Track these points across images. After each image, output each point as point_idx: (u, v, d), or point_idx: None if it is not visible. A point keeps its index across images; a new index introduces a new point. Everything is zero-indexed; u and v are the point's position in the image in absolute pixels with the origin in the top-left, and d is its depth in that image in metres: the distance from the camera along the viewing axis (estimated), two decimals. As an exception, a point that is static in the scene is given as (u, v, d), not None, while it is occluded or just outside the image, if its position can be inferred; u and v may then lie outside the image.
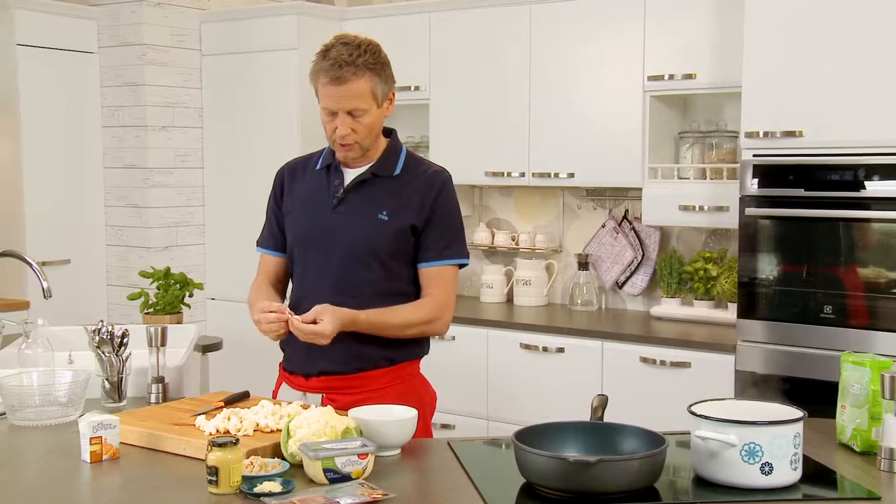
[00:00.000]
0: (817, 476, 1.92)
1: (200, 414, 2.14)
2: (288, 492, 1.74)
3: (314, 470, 1.80)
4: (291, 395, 2.41)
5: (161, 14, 4.74)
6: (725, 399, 2.03)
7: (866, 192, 3.27)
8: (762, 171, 3.46)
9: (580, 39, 4.11)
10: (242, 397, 2.32)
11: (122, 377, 2.43)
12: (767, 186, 3.45)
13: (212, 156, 4.97)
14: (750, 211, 3.48)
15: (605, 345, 3.85)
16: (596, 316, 4.27)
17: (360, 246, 2.36)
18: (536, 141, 4.25)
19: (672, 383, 3.66)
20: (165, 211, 4.84)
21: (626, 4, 3.98)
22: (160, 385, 2.47)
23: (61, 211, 4.76)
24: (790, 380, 3.39)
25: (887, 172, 3.22)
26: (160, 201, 4.81)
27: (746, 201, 3.49)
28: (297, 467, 1.86)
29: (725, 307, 3.99)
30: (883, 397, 1.95)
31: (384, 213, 2.36)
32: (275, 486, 1.75)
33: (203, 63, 4.94)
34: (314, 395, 2.39)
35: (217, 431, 2.01)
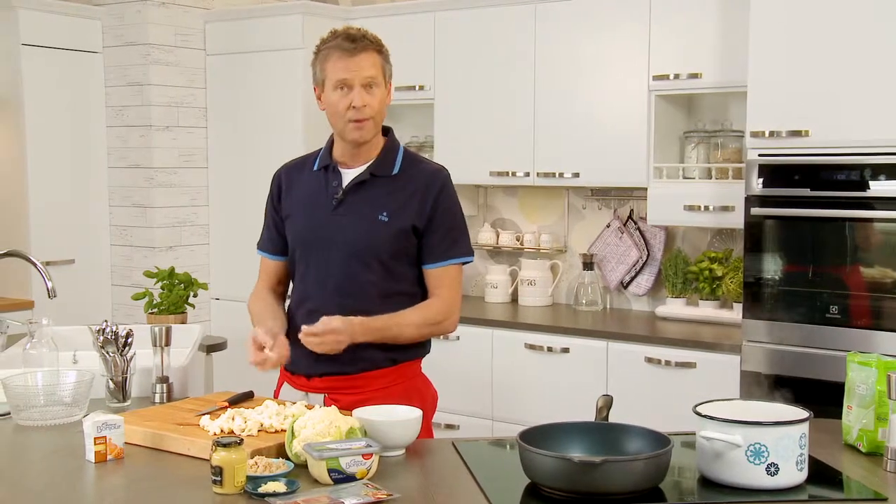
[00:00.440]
0: (823, 477, 1.91)
1: (205, 414, 2.14)
2: (292, 492, 1.74)
3: (319, 470, 1.80)
4: (293, 396, 2.40)
5: (165, 14, 4.75)
6: (731, 399, 2.02)
7: (872, 192, 3.26)
8: (768, 171, 3.45)
9: (585, 39, 4.11)
10: (247, 397, 2.32)
11: (127, 377, 2.43)
12: (773, 186, 3.44)
13: (216, 155, 4.98)
14: (755, 211, 3.47)
15: (610, 345, 3.85)
16: (601, 316, 4.26)
17: (361, 247, 2.35)
18: (541, 141, 4.25)
19: (677, 383, 3.66)
20: (170, 211, 4.84)
21: (631, 4, 3.98)
22: (164, 385, 2.47)
23: (66, 211, 4.76)
24: (796, 380, 3.38)
25: (893, 172, 3.21)
26: (165, 201, 4.82)
27: (752, 201, 3.49)
28: (302, 467, 1.86)
29: (731, 307, 3.99)
30: (889, 398, 1.95)
31: (384, 214, 2.36)
32: (279, 487, 1.75)
33: (207, 63, 4.94)
34: (316, 396, 2.38)
35: (221, 431, 2.01)
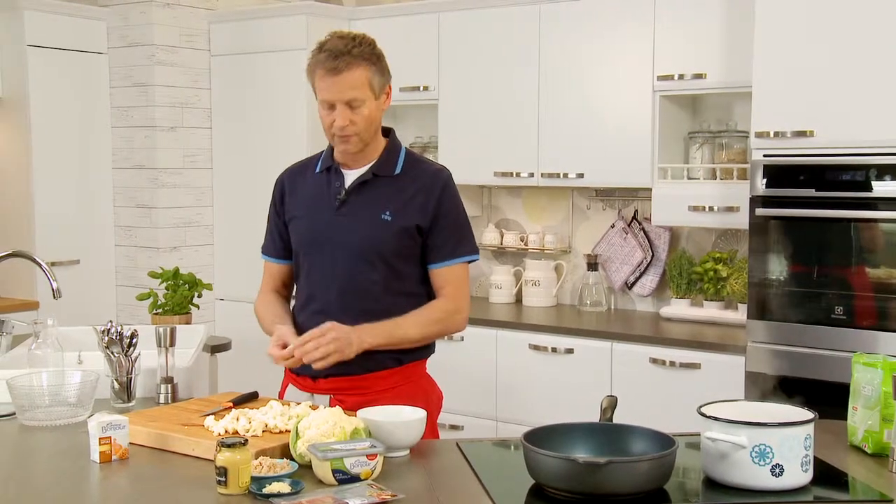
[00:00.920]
0: (828, 478, 1.91)
1: (209, 414, 2.14)
2: (297, 492, 1.74)
3: (323, 471, 1.80)
4: (298, 397, 2.41)
5: (170, 14, 4.75)
6: (735, 400, 2.02)
7: (877, 193, 3.25)
8: (772, 172, 3.45)
9: (589, 39, 4.11)
10: (251, 398, 2.32)
11: (131, 377, 2.43)
12: (778, 187, 3.44)
13: (221, 156, 4.98)
14: (760, 211, 3.47)
15: (615, 346, 3.84)
16: (605, 317, 4.26)
17: (365, 247, 2.35)
18: (545, 141, 4.25)
19: (682, 384, 3.65)
20: (174, 211, 4.85)
21: (636, 4, 3.97)
22: (169, 385, 2.47)
23: (71, 211, 4.77)
24: (801, 381, 3.38)
25: (898, 172, 3.21)
26: (169, 202, 4.82)
27: (756, 201, 3.48)
28: (306, 468, 1.86)
29: (735, 308, 3.98)
30: (895, 399, 1.94)
31: (387, 214, 2.36)
32: (284, 487, 1.75)
33: (212, 63, 4.94)
34: (322, 397, 2.38)
35: (226, 432, 2.01)
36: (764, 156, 3.46)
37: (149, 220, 4.82)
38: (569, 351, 3.94)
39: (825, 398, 3.06)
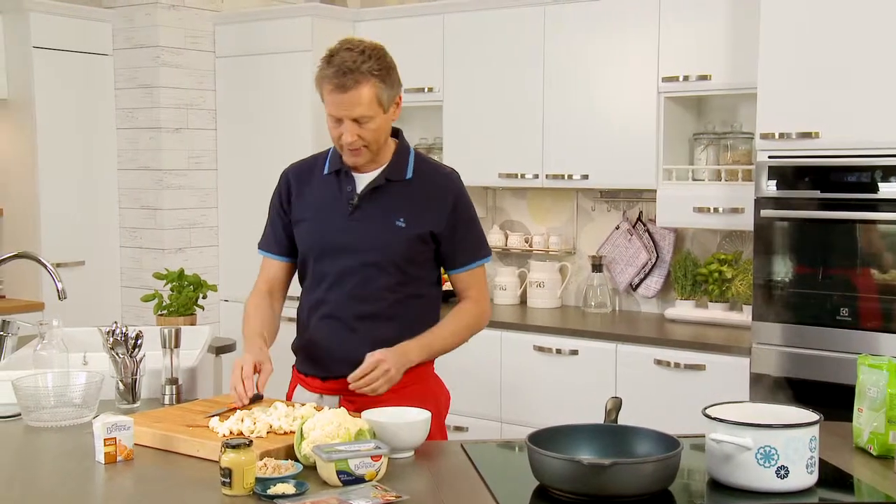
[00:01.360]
0: (834, 480, 1.90)
1: (214, 415, 2.14)
2: (301, 493, 1.74)
3: (327, 472, 1.80)
4: (307, 398, 2.40)
5: (175, 16, 4.76)
6: (740, 402, 2.01)
7: (882, 194, 3.24)
8: (777, 173, 3.44)
9: (594, 40, 4.10)
10: (256, 399, 2.31)
11: (136, 378, 2.44)
12: (783, 188, 3.44)
13: (225, 157, 4.99)
14: (765, 213, 3.46)
15: (619, 347, 3.84)
16: (610, 318, 4.26)
17: (379, 253, 2.35)
18: (550, 142, 4.25)
19: (686, 386, 3.65)
20: (179, 212, 4.86)
21: (641, 5, 3.97)
22: (174, 386, 2.48)
23: (76, 212, 4.78)
24: (806, 383, 3.37)
25: (904, 174, 3.20)
26: (174, 203, 4.83)
27: (761, 203, 3.48)
28: (311, 469, 1.86)
29: (740, 309, 3.98)
30: (900, 400, 1.94)
31: (401, 220, 2.35)
32: (288, 488, 1.75)
33: (217, 65, 4.95)
34: (331, 397, 2.38)
35: (230, 433, 2.01)
36: (769, 157, 3.46)
37: (154, 222, 4.82)
38: (573, 352, 3.93)
39: (830, 400, 3.06)
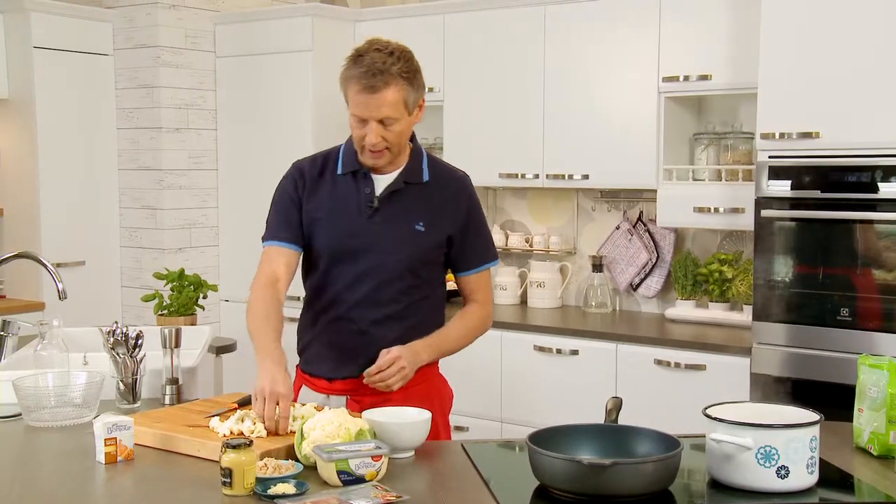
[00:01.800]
0: (834, 480, 1.90)
1: (214, 415, 2.14)
2: (302, 493, 1.74)
3: (328, 472, 1.80)
4: (313, 398, 2.40)
5: (175, 16, 4.76)
6: (741, 402, 2.01)
7: (882, 194, 3.24)
8: (778, 173, 3.44)
9: (595, 40, 4.10)
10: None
11: (137, 378, 2.44)
12: (783, 188, 3.43)
13: (226, 157, 4.98)
14: (765, 213, 3.46)
15: (620, 347, 3.84)
16: (610, 318, 4.26)
17: (398, 256, 2.34)
18: (551, 142, 4.25)
19: (687, 386, 3.65)
20: (179, 212, 4.86)
21: (642, 5, 3.97)
22: (174, 386, 2.48)
23: (76, 212, 4.78)
24: (806, 383, 3.37)
25: (904, 174, 3.20)
26: (174, 203, 4.83)
27: (762, 203, 3.47)
28: (311, 469, 1.86)
29: (741, 309, 3.97)
30: (900, 400, 1.94)
31: (420, 224, 2.35)
32: (288, 488, 1.75)
33: (217, 65, 4.95)
34: (338, 398, 2.38)
35: (231, 433, 2.01)
36: (769, 157, 3.46)
37: (154, 222, 4.82)
38: (574, 352, 3.93)
39: (831, 400, 3.06)
